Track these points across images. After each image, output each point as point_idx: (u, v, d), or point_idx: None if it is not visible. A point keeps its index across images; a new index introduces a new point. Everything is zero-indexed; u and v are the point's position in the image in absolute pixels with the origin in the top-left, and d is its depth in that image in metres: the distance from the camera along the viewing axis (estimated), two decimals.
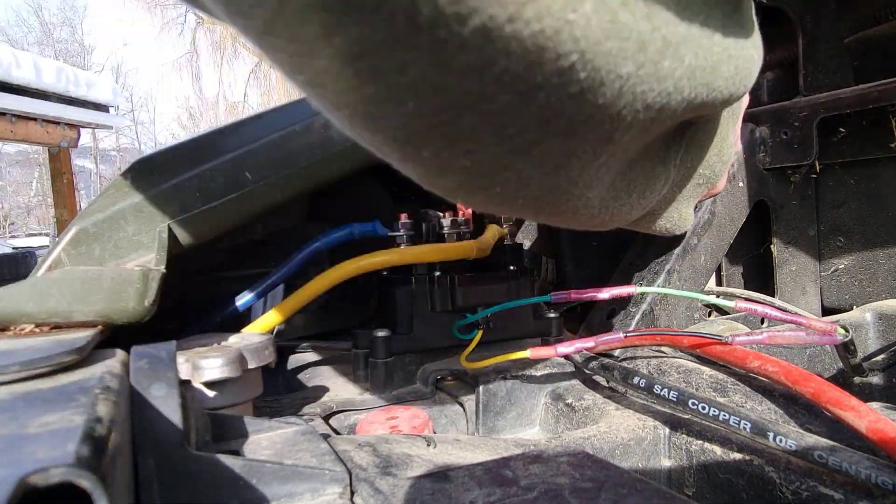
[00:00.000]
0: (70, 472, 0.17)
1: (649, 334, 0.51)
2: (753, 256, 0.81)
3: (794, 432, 0.36)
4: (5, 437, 0.20)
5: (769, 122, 0.74)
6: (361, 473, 0.30)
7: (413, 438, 0.38)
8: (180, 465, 0.26)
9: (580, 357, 0.52)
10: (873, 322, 0.69)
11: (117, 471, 0.22)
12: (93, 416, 0.22)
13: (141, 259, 0.50)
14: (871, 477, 0.31)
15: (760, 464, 0.37)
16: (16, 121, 5.44)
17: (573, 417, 0.50)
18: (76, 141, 6.41)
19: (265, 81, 16.67)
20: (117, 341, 0.41)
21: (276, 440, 0.33)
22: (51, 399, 0.25)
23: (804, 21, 0.75)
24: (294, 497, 0.28)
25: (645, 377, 0.44)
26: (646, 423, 0.44)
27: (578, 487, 0.27)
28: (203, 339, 0.44)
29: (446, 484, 0.28)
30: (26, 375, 0.28)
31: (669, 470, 0.43)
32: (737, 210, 0.73)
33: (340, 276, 0.56)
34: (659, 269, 0.67)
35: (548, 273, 0.77)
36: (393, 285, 0.58)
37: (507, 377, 0.52)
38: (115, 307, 0.45)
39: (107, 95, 6.44)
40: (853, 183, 0.75)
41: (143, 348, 0.32)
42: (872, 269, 0.73)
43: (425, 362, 0.59)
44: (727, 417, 0.38)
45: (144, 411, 0.27)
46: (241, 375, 0.40)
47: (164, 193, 0.52)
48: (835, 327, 0.43)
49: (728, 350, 0.45)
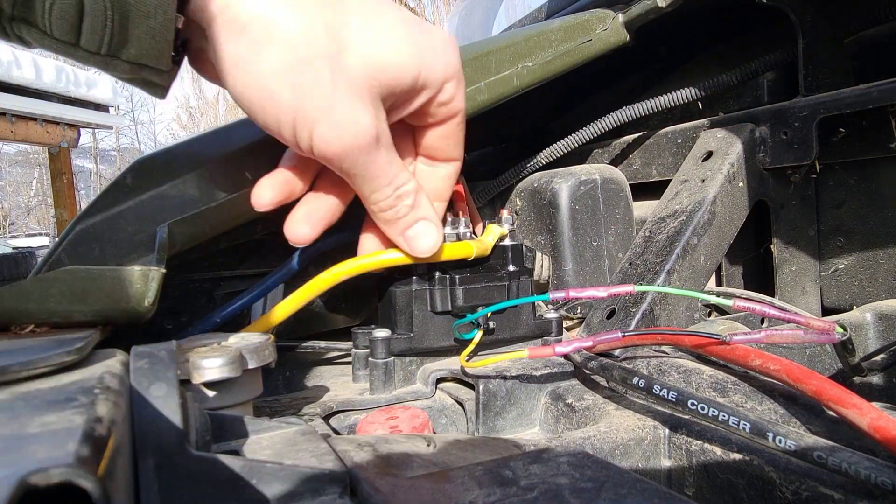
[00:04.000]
0: (70, 472, 0.17)
1: (649, 334, 0.51)
2: (753, 256, 0.81)
3: (794, 432, 0.36)
4: (5, 437, 0.20)
5: (769, 122, 0.74)
6: (361, 473, 0.30)
7: (413, 438, 0.38)
8: (180, 465, 0.26)
9: (580, 357, 0.52)
10: (873, 322, 0.69)
11: (117, 471, 0.22)
12: (93, 416, 0.22)
13: (141, 259, 0.50)
14: (871, 477, 0.31)
15: (760, 464, 0.37)
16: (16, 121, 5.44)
17: (573, 417, 0.50)
18: (76, 141, 6.41)
19: None
20: (117, 341, 0.41)
21: (276, 440, 0.33)
22: (51, 399, 0.25)
23: (804, 21, 0.75)
24: (294, 497, 0.28)
25: (644, 377, 0.44)
26: (646, 423, 0.44)
27: (578, 487, 0.27)
28: (203, 339, 0.44)
29: (446, 484, 0.28)
30: (26, 375, 0.28)
31: (669, 470, 0.43)
32: (737, 210, 0.73)
33: (340, 277, 0.56)
34: (659, 269, 0.67)
35: (542, 272, 0.77)
36: (393, 285, 0.58)
37: (507, 377, 0.52)
38: (115, 307, 0.45)
39: (107, 95, 6.45)
40: (853, 183, 0.75)
41: (143, 348, 0.32)
42: (872, 269, 0.73)
43: (425, 362, 0.59)
44: (726, 418, 0.38)
45: (144, 411, 0.27)
46: (241, 375, 0.40)
47: (164, 193, 0.52)
48: (833, 326, 0.43)
49: (729, 349, 0.45)
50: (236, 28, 0.39)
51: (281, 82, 0.40)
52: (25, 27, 0.38)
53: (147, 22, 0.39)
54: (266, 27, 0.39)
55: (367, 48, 0.42)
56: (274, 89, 0.40)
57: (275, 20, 0.39)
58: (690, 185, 0.74)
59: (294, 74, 0.39)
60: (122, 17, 0.38)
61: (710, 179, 0.72)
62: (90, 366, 0.31)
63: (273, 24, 0.39)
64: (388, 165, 0.45)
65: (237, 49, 0.39)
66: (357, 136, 0.42)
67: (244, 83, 0.40)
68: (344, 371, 0.64)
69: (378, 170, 0.45)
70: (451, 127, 0.50)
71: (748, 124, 0.76)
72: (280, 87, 0.40)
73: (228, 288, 0.66)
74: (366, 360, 0.58)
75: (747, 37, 0.93)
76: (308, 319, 0.70)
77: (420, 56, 0.44)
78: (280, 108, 0.40)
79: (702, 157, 0.76)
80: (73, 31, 0.39)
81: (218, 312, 0.60)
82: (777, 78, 0.81)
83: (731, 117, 0.79)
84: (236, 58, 0.40)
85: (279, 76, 0.39)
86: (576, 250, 0.75)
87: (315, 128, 0.41)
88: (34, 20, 0.38)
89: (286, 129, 0.42)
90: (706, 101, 0.85)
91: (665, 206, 0.74)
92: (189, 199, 0.52)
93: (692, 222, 0.69)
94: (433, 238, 0.50)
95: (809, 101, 0.71)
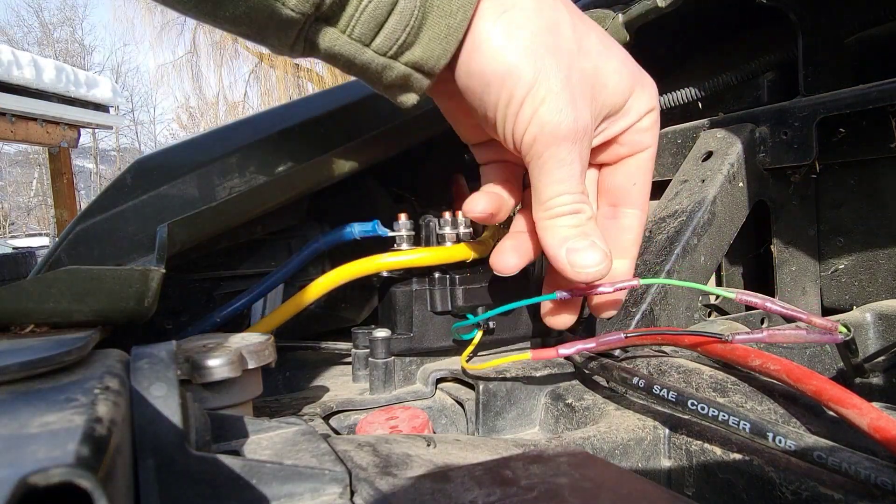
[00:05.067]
0: (70, 472, 0.17)
1: (649, 334, 0.51)
2: (753, 256, 0.81)
3: (794, 432, 0.36)
4: (5, 437, 0.20)
5: (769, 122, 0.74)
6: (361, 473, 0.30)
7: (413, 438, 0.38)
8: (180, 465, 0.26)
9: (580, 357, 0.52)
10: (873, 322, 0.69)
11: (117, 471, 0.22)
12: (93, 416, 0.22)
13: (141, 259, 0.50)
14: (871, 477, 0.31)
15: (760, 464, 0.37)
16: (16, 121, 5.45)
17: (573, 417, 0.50)
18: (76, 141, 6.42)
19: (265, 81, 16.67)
20: (117, 341, 0.41)
21: (276, 440, 0.33)
22: (51, 399, 0.25)
23: (804, 21, 0.75)
24: (294, 497, 0.28)
25: (644, 377, 0.44)
26: (646, 423, 0.44)
27: (578, 487, 0.27)
28: (203, 339, 0.44)
29: (446, 484, 0.28)
30: (26, 375, 0.28)
31: (669, 470, 0.43)
32: (737, 210, 0.73)
33: (339, 280, 0.56)
34: (659, 269, 0.67)
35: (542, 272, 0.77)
36: (393, 285, 0.58)
37: (507, 377, 0.52)
38: (115, 307, 0.45)
39: (107, 95, 6.45)
40: (853, 183, 0.75)
41: (143, 348, 0.32)
42: (872, 269, 0.73)
43: (425, 362, 0.59)
44: (726, 418, 0.38)
45: (144, 411, 0.27)
46: (241, 375, 0.40)
47: (164, 193, 0.52)
48: (836, 326, 0.43)
49: (729, 349, 0.45)
50: (499, 10, 0.42)
51: (525, 60, 0.42)
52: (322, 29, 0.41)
53: (445, 21, 0.41)
54: (525, 13, 0.43)
55: (600, 61, 0.45)
56: (517, 66, 0.42)
57: (535, 9, 0.43)
58: (690, 186, 0.74)
59: (538, 58, 0.42)
60: (423, 17, 0.41)
61: (710, 179, 0.72)
62: (90, 366, 0.31)
63: (532, 12, 0.43)
64: (581, 169, 0.46)
65: (494, 27, 0.42)
66: (576, 125, 0.43)
67: (490, 57, 0.43)
68: (344, 371, 0.64)
69: (572, 168, 0.45)
70: (640, 161, 0.50)
71: (748, 124, 0.76)
72: (523, 64, 0.42)
73: (228, 288, 0.66)
74: (366, 360, 0.58)
75: (747, 37, 0.93)
76: (308, 319, 0.70)
77: (633, 83, 0.47)
78: (515, 85, 0.42)
79: (702, 158, 0.76)
80: (373, 31, 0.41)
81: (218, 312, 0.60)
82: (777, 78, 0.81)
83: (731, 117, 0.79)
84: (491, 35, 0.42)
85: (525, 54, 0.42)
86: None
87: (541, 107, 0.43)
88: (338, 20, 0.40)
89: (512, 107, 0.43)
90: (706, 101, 0.85)
91: (665, 206, 0.74)
92: (189, 199, 0.52)
93: (692, 222, 0.69)
94: (596, 257, 0.46)
95: (809, 102, 0.71)
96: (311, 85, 15.56)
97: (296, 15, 0.38)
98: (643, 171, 0.51)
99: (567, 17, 0.45)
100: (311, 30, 0.40)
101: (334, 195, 0.69)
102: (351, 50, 0.42)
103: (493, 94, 0.44)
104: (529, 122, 0.43)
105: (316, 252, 0.62)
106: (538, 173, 0.46)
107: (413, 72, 0.44)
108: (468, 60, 0.44)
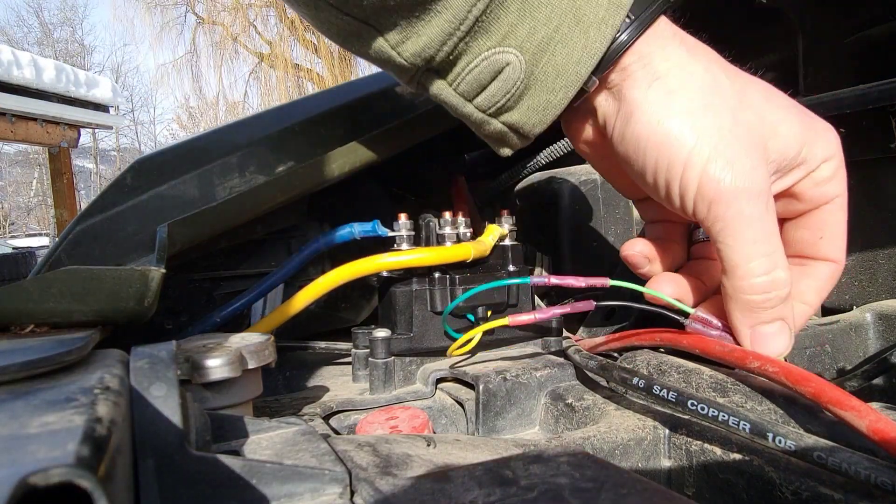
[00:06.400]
0: (70, 473, 0.17)
1: (648, 334, 0.51)
2: None
3: (794, 433, 0.36)
4: (5, 437, 0.20)
5: None
6: (361, 473, 0.30)
7: (413, 438, 0.38)
8: (180, 465, 0.26)
9: (580, 357, 0.52)
10: (873, 322, 0.69)
11: (117, 471, 0.22)
12: (93, 416, 0.22)
13: (141, 259, 0.50)
14: (871, 477, 0.31)
15: (760, 464, 0.37)
16: (16, 121, 5.45)
17: (573, 417, 0.50)
18: (76, 141, 6.42)
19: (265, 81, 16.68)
20: (117, 341, 0.41)
21: (276, 440, 0.33)
22: (51, 399, 0.25)
23: (804, 21, 0.75)
24: (294, 497, 0.28)
25: (644, 378, 0.44)
26: (646, 423, 0.44)
27: (578, 487, 0.27)
28: (203, 339, 0.44)
29: (446, 484, 0.28)
30: (26, 375, 0.28)
31: (669, 470, 0.43)
32: None
33: (339, 280, 0.56)
34: None
35: (542, 271, 0.77)
36: (393, 285, 0.58)
37: (507, 377, 0.52)
38: (114, 307, 0.45)
39: (107, 95, 6.45)
40: (853, 183, 0.75)
41: (143, 348, 0.32)
42: (872, 269, 0.73)
43: (425, 362, 0.59)
44: (726, 418, 0.38)
45: (144, 411, 0.27)
46: (241, 375, 0.40)
47: (164, 193, 0.52)
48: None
49: (727, 350, 0.45)
50: (651, 78, 0.42)
51: (684, 123, 0.41)
52: (433, 78, 0.44)
53: (546, 96, 0.43)
54: (681, 77, 0.42)
55: (764, 111, 0.43)
56: (677, 130, 0.41)
57: (691, 72, 0.42)
58: None
59: (698, 118, 0.41)
60: (526, 88, 0.43)
61: None
62: (90, 366, 0.31)
63: (688, 75, 0.42)
64: (772, 233, 0.42)
65: (648, 95, 0.42)
66: (751, 180, 0.41)
67: (647, 123, 0.42)
68: (344, 371, 0.64)
69: (761, 232, 0.41)
70: (824, 215, 0.46)
71: None
72: (683, 127, 0.41)
73: (228, 288, 0.66)
74: (366, 360, 0.58)
75: (747, 37, 0.93)
76: (308, 319, 0.70)
77: (805, 130, 0.44)
78: (675, 149, 0.41)
79: None
80: (475, 91, 0.44)
81: (218, 312, 0.60)
82: (777, 78, 0.81)
83: None
84: (647, 103, 0.42)
85: (684, 118, 0.41)
86: (576, 250, 0.75)
87: (708, 166, 0.41)
88: (447, 74, 0.44)
89: (673, 171, 0.42)
90: None
91: None
92: (189, 199, 0.52)
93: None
94: (784, 344, 0.44)
95: (809, 101, 0.71)
96: (311, 85, 15.57)
97: (408, 65, 0.43)
98: (830, 224, 0.47)
99: (723, 73, 0.43)
100: (423, 76, 0.44)
101: (334, 195, 0.69)
102: (455, 101, 0.45)
103: (651, 160, 0.42)
104: (699, 184, 0.41)
105: (316, 252, 0.62)
106: (724, 237, 0.42)
107: (509, 131, 0.46)
108: (622, 128, 0.43)
